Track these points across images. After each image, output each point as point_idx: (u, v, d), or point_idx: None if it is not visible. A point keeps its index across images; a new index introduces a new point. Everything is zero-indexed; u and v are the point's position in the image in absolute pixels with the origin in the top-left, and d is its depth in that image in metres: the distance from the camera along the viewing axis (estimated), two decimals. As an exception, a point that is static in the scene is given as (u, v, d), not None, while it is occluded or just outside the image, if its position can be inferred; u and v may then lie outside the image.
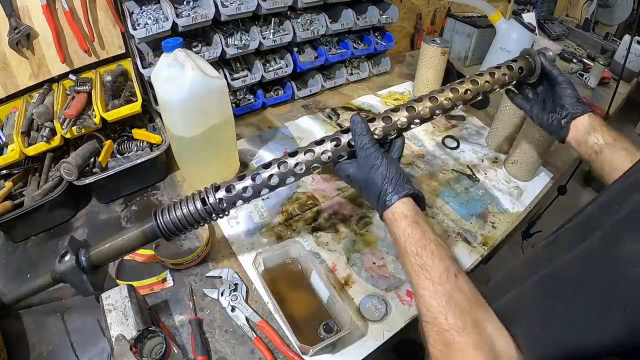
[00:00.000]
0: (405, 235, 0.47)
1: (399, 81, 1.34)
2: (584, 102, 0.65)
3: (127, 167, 0.77)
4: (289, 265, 0.69)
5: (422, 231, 0.47)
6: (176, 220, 0.55)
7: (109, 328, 0.53)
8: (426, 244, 0.46)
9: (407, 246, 0.47)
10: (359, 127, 0.53)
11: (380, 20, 1.20)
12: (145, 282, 0.65)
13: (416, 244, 0.46)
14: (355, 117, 0.54)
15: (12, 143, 0.76)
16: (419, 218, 0.49)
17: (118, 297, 0.57)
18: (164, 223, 0.55)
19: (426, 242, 0.46)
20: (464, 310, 0.41)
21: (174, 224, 0.55)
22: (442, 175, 0.94)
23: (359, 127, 0.53)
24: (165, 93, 0.68)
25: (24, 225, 0.72)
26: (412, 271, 0.46)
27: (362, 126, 0.53)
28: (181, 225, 0.55)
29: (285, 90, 1.15)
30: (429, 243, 0.46)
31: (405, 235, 0.48)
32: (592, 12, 1.99)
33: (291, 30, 1.04)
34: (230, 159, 0.84)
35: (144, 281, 0.65)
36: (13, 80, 0.83)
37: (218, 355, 0.57)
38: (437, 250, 0.45)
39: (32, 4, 0.78)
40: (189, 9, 0.93)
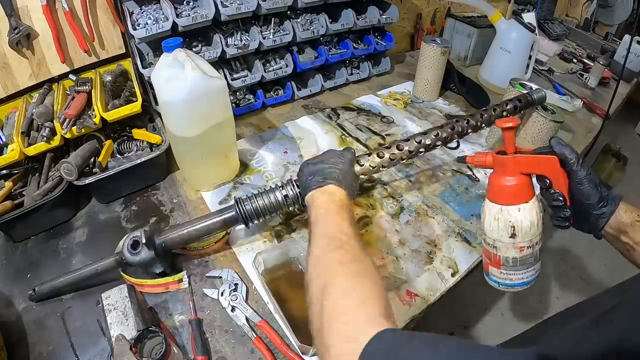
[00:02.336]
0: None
1: (399, 81, 1.34)
2: (608, 196, 0.54)
3: (127, 167, 0.77)
4: (289, 265, 0.69)
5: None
6: (257, 208, 0.64)
7: (109, 328, 0.53)
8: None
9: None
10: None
11: (380, 20, 1.20)
12: (162, 281, 0.65)
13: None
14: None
15: (12, 143, 0.76)
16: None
17: (118, 297, 0.57)
18: (246, 210, 0.64)
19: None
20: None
21: (255, 211, 0.64)
22: (442, 175, 0.94)
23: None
24: (165, 93, 0.68)
25: (24, 225, 0.72)
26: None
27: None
28: (261, 212, 0.65)
29: (285, 90, 1.15)
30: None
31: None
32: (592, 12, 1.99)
33: (291, 30, 1.04)
34: (230, 159, 0.84)
35: (160, 280, 0.65)
36: (13, 80, 0.83)
37: (218, 355, 0.57)
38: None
39: (32, 4, 0.78)
40: (189, 9, 0.93)
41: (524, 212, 0.50)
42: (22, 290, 0.65)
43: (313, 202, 0.55)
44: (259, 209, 0.65)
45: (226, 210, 0.66)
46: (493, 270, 0.56)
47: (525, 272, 0.54)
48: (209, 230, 0.66)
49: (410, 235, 0.78)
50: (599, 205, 0.53)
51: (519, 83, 0.90)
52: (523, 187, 0.51)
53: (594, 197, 0.53)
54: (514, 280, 0.55)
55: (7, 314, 0.62)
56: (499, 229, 0.52)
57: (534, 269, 0.54)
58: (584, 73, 1.53)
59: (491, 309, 1.64)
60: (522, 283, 0.55)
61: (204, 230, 0.65)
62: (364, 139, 1.04)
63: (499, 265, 0.54)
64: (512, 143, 0.52)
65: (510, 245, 0.52)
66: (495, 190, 0.53)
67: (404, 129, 1.09)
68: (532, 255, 0.53)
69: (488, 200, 0.54)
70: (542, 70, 1.53)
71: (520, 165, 0.51)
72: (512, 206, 0.51)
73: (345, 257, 0.44)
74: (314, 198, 0.56)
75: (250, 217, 0.65)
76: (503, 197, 0.52)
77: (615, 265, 1.81)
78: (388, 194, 0.87)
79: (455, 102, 1.24)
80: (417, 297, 0.67)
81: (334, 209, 0.52)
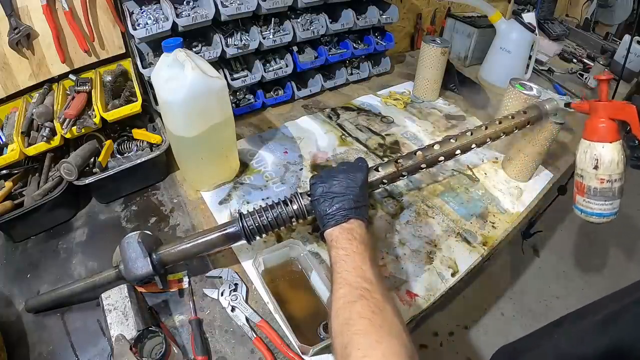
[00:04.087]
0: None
1: (399, 81, 1.34)
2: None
3: (127, 167, 0.77)
4: (289, 265, 0.69)
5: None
6: (261, 225, 0.62)
7: (109, 328, 0.53)
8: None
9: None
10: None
11: (380, 20, 1.20)
12: None
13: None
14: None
15: (12, 143, 0.76)
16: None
17: (118, 297, 0.57)
18: (249, 226, 0.61)
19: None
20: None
21: (258, 227, 0.62)
22: (442, 175, 0.94)
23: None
24: (165, 93, 0.68)
25: (24, 225, 0.72)
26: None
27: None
28: (264, 228, 0.62)
29: (285, 90, 1.15)
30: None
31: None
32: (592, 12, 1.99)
33: (291, 30, 1.04)
34: (230, 159, 0.84)
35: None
36: (13, 80, 0.83)
37: (218, 355, 0.57)
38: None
39: (32, 4, 0.78)
40: (189, 9, 0.93)
41: (607, 149, 0.63)
42: (22, 290, 0.65)
43: (332, 241, 0.54)
44: (262, 226, 0.62)
45: (228, 225, 0.63)
46: (579, 198, 0.69)
47: (604, 204, 0.66)
48: (209, 246, 0.63)
49: (410, 235, 0.78)
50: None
51: (519, 83, 0.90)
52: (609, 129, 0.64)
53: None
54: (594, 209, 0.67)
55: (7, 314, 0.62)
56: (586, 160, 0.65)
57: (612, 204, 0.65)
58: (584, 73, 1.53)
59: (491, 309, 1.64)
60: (600, 214, 0.67)
61: (204, 246, 0.62)
62: (364, 139, 1.04)
63: (583, 193, 0.67)
64: (605, 94, 0.65)
65: (593, 175, 0.65)
66: (588, 129, 0.66)
67: (404, 129, 1.09)
68: (611, 190, 0.64)
69: (582, 138, 0.67)
70: (542, 70, 1.53)
71: (609, 110, 0.64)
72: (598, 143, 0.64)
73: (366, 309, 0.43)
74: (332, 237, 0.54)
75: (253, 234, 0.62)
76: (593, 135, 0.65)
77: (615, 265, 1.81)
78: (388, 194, 0.87)
79: (455, 102, 1.24)
80: (417, 297, 0.67)
81: (354, 249, 0.51)
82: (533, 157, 0.88)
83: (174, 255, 0.61)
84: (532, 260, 1.85)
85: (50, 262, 0.70)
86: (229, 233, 0.62)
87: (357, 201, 0.56)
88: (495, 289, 1.71)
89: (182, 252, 0.62)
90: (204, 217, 0.79)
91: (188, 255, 0.62)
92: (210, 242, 0.62)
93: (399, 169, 0.66)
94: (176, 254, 0.61)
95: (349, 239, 0.52)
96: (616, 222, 0.67)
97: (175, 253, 0.61)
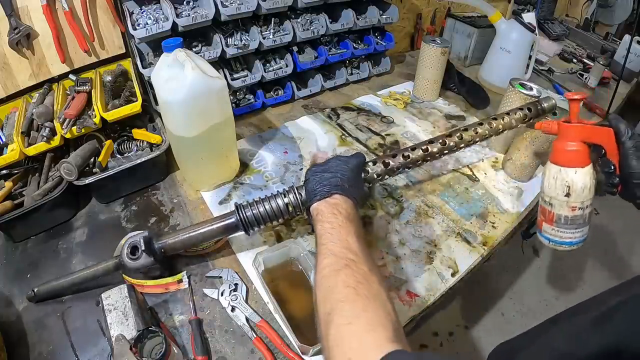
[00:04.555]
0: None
1: (399, 81, 1.34)
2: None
3: (127, 167, 0.77)
4: (289, 265, 0.69)
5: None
6: (259, 215, 0.63)
7: (109, 328, 0.53)
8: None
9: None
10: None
11: (380, 20, 1.20)
12: (162, 282, 0.64)
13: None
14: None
15: (12, 143, 0.76)
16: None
17: (118, 297, 0.57)
18: (247, 217, 0.62)
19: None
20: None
21: (256, 218, 0.63)
22: (442, 175, 0.94)
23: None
24: (165, 93, 0.68)
25: (24, 225, 0.72)
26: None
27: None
28: (262, 219, 0.63)
29: (285, 90, 1.15)
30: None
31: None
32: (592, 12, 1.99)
33: (291, 30, 1.04)
34: (230, 159, 0.84)
35: (160, 280, 0.64)
36: (13, 80, 0.83)
37: (218, 355, 0.57)
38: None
39: (32, 4, 0.78)
40: (189, 9, 0.93)
41: (580, 175, 0.58)
42: (22, 290, 0.65)
43: (317, 215, 0.54)
44: (260, 216, 0.63)
45: (226, 216, 0.64)
46: (546, 226, 0.62)
47: (575, 232, 0.60)
48: (208, 236, 0.64)
49: (410, 235, 0.78)
50: (639, 176, 0.57)
51: (519, 83, 0.90)
52: (581, 153, 0.58)
53: (636, 168, 0.57)
54: (564, 238, 0.61)
55: (7, 314, 0.62)
56: (556, 187, 0.59)
57: (582, 231, 0.60)
58: (584, 73, 1.53)
59: (491, 309, 1.64)
60: (570, 242, 0.61)
61: (203, 235, 0.64)
62: (364, 139, 1.04)
63: (551, 222, 0.61)
64: (576, 114, 0.59)
65: (564, 203, 0.59)
66: (557, 153, 0.60)
67: (404, 129, 1.09)
68: (582, 216, 0.59)
69: (549, 162, 0.61)
70: (542, 70, 1.53)
71: (581, 134, 0.58)
72: (569, 168, 0.58)
73: (351, 278, 0.43)
74: (318, 210, 0.54)
75: (251, 224, 0.63)
76: (563, 159, 0.59)
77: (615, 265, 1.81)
78: (388, 194, 0.87)
79: (455, 102, 1.24)
80: (417, 297, 0.67)
81: (340, 222, 0.51)
82: (533, 157, 0.88)
83: (174, 245, 0.63)
84: (532, 260, 1.85)
85: (50, 262, 0.70)
86: (227, 224, 0.63)
87: (345, 181, 0.57)
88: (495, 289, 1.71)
89: (181, 242, 0.64)
90: (204, 217, 0.79)
91: (187, 245, 0.64)
92: (209, 232, 0.64)
93: (392, 160, 0.66)
94: (176, 243, 0.63)
95: (334, 213, 0.53)
96: (616, 222, 0.65)
97: (175, 242, 0.63)
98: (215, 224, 0.64)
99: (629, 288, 0.52)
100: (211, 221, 0.65)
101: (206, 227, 0.64)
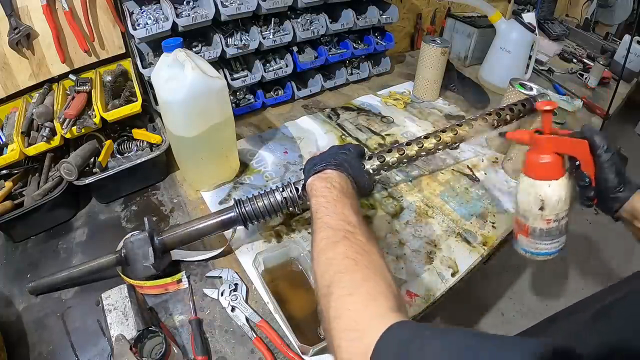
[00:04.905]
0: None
1: (399, 81, 1.34)
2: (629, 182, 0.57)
3: (127, 167, 0.77)
4: (289, 265, 0.69)
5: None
6: (257, 210, 0.64)
7: (109, 328, 0.53)
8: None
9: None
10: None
11: (380, 20, 1.20)
12: (160, 282, 0.64)
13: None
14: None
15: (12, 143, 0.76)
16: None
17: (118, 297, 0.57)
18: (246, 211, 0.64)
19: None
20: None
21: (255, 212, 0.64)
22: (441, 175, 0.94)
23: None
24: (165, 93, 0.68)
25: (24, 225, 0.72)
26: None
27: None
28: (261, 213, 0.65)
29: (285, 90, 1.15)
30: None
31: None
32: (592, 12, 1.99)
33: (291, 30, 1.04)
34: (230, 159, 0.84)
35: (159, 281, 0.64)
36: (13, 80, 0.83)
37: (218, 355, 0.57)
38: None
39: (32, 4, 0.78)
40: (189, 9, 0.93)
41: (554, 188, 0.55)
42: (22, 290, 0.65)
43: (312, 190, 0.54)
44: (259, 211, 0.65)
45: (226, 211, 0.66)
46: (522, 238, 0.60)
47: (551, 242, 0.58)
48: (208, 230, 0.65)
49: (410, 235, 0.78)
50: (615, 190, 0.56)
51: (519, 83, 0.90)
52: (555, 165, 0.55)
53: (612, 182, 0.56)
54: (540, 249, 0.59)
55: (7, 314, 0.62)
56: (529, 201, 0.57)
57: (559, 241, 0.58)
58: (584, 73, 1.53)
59: (491, 309, 1.64)
60: (547, 253, 0.59)
61: (203, 230, 0.65)
62: (364, 139, 1.04)
63: (527, 234, 0.59)
64: (549, 124, 0.56)
65: (539, 216, 0.57)
66: (530, 165, 0.57)
67: (404, 129, 1.09)
68: (558, 228, 0.57)
69: (522, 174, 0.59)
70: (542, 70, 1.53)
71: (554, 145, 0.55)
72: (543, 181, 0.56)
73: (349, 249, 0.42)
74: (312, 185, 0.54)
75: (250, 218, 0.65)
76: (536, 173, 0.56)
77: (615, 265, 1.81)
78: (388, 194, 0.87)
79: (455, 102, 1.24)
80: (417, 297, 0.67)
81: (335, 196, 0.51)
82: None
83: (175, 238, 0.65)
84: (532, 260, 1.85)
85: (50, 262, 0.70)
86: (226, 219, 0.65)
87: (340, 160, 0.57)
88: (495, 289, 1.71)
89: (180, 237, 0.65)
90: (204, 217, 0.79)
91: (187, 240, 0.65)
92: (210, 226, 0.65)
93: (388, 155, 0.66)
94: (177, 237, 0.65)
95: (328, 187, 0.52)
96: (616, 222, 0.64)
97: (176, 236, 0.64)
98: (215, 218, 0.65)
99: (628, 284, 0.51)
100: (211, 216, 0.66)
101: (206, 221, 0.65)
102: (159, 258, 0.63)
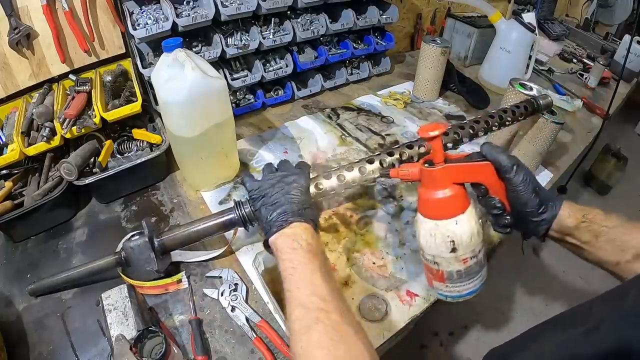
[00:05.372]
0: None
1: (399, 81, 1.34)
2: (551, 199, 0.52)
3: (127, 167, 0.77)
4: (289, 265, 0.69)
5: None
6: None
7: (109, 328, 0.53)
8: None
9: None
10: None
11: (380, 20, 1.20)
12: (160, 282, 0.64)
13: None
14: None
15: (12, 143, 0.76)
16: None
17: (118, 297, 0.57)
18: (246, 213, 0.62)
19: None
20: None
21: (255, 214, 0.62)
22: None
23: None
24: (165, 93, 0.68)
25: (24, 225, 0.72)
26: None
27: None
28: None
29: (285, 90, 1.15)
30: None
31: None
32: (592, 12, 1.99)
33: (291, 30, 1.04)
34: (230, 159, 0.84)
35: (159, 281, 0.64)
36: (13, 80, 0.83)
37: (218, 355, 0.57)
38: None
39: (32, 4, 0.78)
40: (189, 9, 0.93)
41: (462, 224, 0.47)
42: (22, 290, 0.65)
43: (277, 251, 0.51)
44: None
45: (226, 212, 0.65)
46: (437, 284, 0.52)
47: (472, 281, 0.50)
48: (207, 232, 0.64)
49: (410, 236, 0.78)
50: (538, 212, 0.51)
51: (519, 83, 0.90)
52: (456, 198, 0.47)
53: (532, 204, 0.50)
54: (462, 292, 0.51)
55: (7, 314, 0.62)
56: (437, 245, 0.48)
57: (480, 275, 0.51)
58: (584, 73, 1.53)
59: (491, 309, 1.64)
60: (470, 292, 0.51)
61: (203, 232, 0.64)
62: (364, 139, 1.04)
63: (443, 279, 0.51)
64: (440, 152, 0.48)
65: (452, 259, 0.48)
66: (427, 204, 0.49)
67: (404, 129, 1.09)
68: (477, 263, 0.49)
69: (420, 215, 0.50)
70: (542, 70, 1.53)
71: (452, 175, 0.47)
72: (447, 220, 0.47)
73: (323, 337, 0.40)
74: (277, 245, 0.51)
75: (250, 220, 0.63)
76: (436, 212, 0.48)
77: (615, 265, 1.81)
78: (388, 194, 0.87)
79: (455, 102, 1.24)
80: (417, 297, 0.67)
81: (300, 258, 0.48)
82: (533, 157, 0.89)
83: (175, 241, 0.64)
84: (532, 260, 1.85)
85: (50, 262, 0.70)
86: (225, 220, 0.64)
87: (300, 204, 0.54)
88: (495, 289, 1.71)
89: (180, 238, 0.64)
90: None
91: (187, 242, 0.64)
92: (209, 228, 0.64)
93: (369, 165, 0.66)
94: (176, 239, 0.64)
95: (294, 247, 0.49)
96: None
97: (176, 238, 0.64)
98: (215, 219, 0.64)
99: (619, 295, 0.51)
100: (211, 217, 0.65)
101: (206, 222, 0.64)
102: (159, 259, 0.63)
